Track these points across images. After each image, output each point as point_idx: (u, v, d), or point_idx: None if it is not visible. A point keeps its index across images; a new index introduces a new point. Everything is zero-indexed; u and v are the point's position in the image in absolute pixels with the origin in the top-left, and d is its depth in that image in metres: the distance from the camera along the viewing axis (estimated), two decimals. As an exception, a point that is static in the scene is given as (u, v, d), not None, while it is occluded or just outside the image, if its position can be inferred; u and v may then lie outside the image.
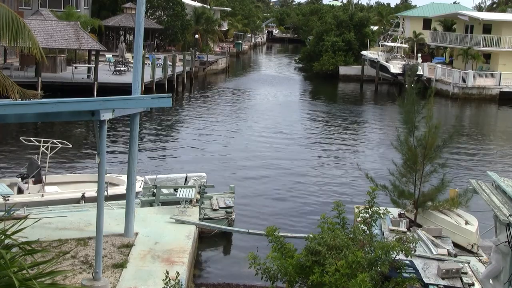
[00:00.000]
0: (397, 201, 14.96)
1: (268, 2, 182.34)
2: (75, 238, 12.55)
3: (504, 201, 9.78)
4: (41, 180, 16.61)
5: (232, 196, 16.91)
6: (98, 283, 10.13)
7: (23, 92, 12.99)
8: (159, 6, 65.60)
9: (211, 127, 32.82)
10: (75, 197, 16.07)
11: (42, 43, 35.54)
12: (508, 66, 51.56)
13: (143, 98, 12.49)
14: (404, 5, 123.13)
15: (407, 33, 68.94)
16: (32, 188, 16.37)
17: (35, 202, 15.38)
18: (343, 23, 66.17)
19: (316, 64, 63.71)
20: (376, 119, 40.13)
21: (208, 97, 45.70)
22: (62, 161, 22.26)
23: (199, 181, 16.96)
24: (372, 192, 10.01)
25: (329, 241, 8.98)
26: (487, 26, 55.03)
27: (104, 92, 33.40)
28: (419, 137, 14.54)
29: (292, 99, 47.39)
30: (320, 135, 32.49)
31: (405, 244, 9.41)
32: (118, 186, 16.74)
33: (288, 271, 9.00)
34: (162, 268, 11.01)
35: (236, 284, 13.21)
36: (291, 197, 20.44)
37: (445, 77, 51.50)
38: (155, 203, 15.96)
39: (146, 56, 46.09)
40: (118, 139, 27.57)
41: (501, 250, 9.64)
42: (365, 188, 11.95)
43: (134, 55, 13.73)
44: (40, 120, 24.04)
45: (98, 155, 10.25)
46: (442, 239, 13.54)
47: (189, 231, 13.61)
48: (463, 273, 11.72)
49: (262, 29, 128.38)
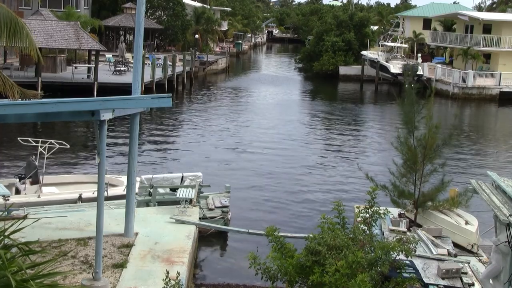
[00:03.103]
0: (397, 201, 14.96)
1: (268, 2, 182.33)
2: (75, 238, 12.54)
3: (504, 201, 9.78)
4: (38, 181, 16.57)
5: (227, 195, 16.93)
6: (98, 283, 10.12)
7: (23, 92, 12.97)
8: (159, 6, 65.59)
9: (211, 127, 32.81)
10: (72, 198, 16.03)
11: (42, 43, 35.63)
12: (508, 66, 51.56)
13: (143, 98, 12.49)
14: (404, 5, 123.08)
15: (407, 33, 68.93)
16: (29, 189, 16.32)
17: (31, 203, 15.29)
18: (343, 23, 66.18)
19: (316, 64, 63.71)
20: (376, 119, 40.13)
21: (208, 97, 45.69)
22: (61, 161, 22.25)
23: (195, 181, 16.95)
24: (372, 192, 10.00)
25: (329, 241, 8.98)
26: (487, 26, 55.02)
27: (104, 92, 33.40)
28: (419, 137, 14.54)
29: (292, 99, 47.39)
30: (320, 135, 32.49)
31: (406, 245, 9.41)
32: (116, 187, 16.72)
33: (288, 271, 9.00)
34: (162, 268, 11.01)
35: (236, 284, 13.22)
36: (291, 197, 20.42)
37: (445, 77, 51.49)
38: (151, 203, 15.95)
39: (146, 56, 46.09)
40: (118, 139, 27.56)
41: (501, 250, 9.64)
42: (365, 188, 11.95)
43: (134, 55, 13.72)
44: (40, 120, 24.03)
45: (98, 155, 10.25)
46: (442, 239, 13.54)
47: (189, 231, 13.61)
48: (463, 273, 11.72)
49: (262, 29, 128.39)
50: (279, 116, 37.68)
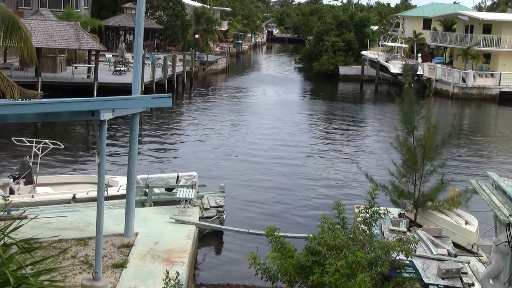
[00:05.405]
0: (397, 201, 14.96)
1: (268, 2, 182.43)
2: (75, 238, 12.54)
3: (504, 201, 9.79)
4: (32, 181, 16.54)
5: (222, 195, 16.95)
6: (98, 283, 10.11)
7: (23, 92, 12.95)
8: (159, 6, 65.58)
9: (211, 127, 32.81)
10: (66, 198, 15.98)
11: (42, 43, 35.66)
12: (508, 66, 51.56)
13: (143, 98, 12.49)
14: (404, 5, 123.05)
15: (407, 33, 68.94)
16: (23, 189, 16.27)
17: (25, 203, 15.15)
18: (343, 23, 66.18)
19: (316, 64, 63.72)
20: (376, 119, 40.14)
21: (208, 97, 45.69)
22: (55, 162, 22.22)
23: (191, 181, 16.95)
24: (372, 192, 9.99)
25: (329, 241, 8.98)
26: (487, 26, 55.03)
27: (104, 92, 33.42)
28: (418, 137, 14.54)
29: (291, 99, 47.39)
30: (319, 135, 32.49)
31: (406, 245, 9.41)
32: (111, 187, 16.63)
33: (288, 271, 9.00)
34: (162, 268, 11.00)
35: (236, 284, 13.22)
36: (291, 197, 20.43)
37: (445, 77, 51.48)
38: (147, 203, 15.95)
39: (146, 56, 46.08)
40: (117, 139, 27.55)
41: (501, 250, 9.64)
42: (365, 188, 11.95)
43: (134, 55, 13.72)
44: (40, 120, 24.02)
45: (98, 155, 10.25)
46: (442, 239, 13.54)
47: (189, 231, 13.61)
48: (463, 273, 11.71)
49: (262, 29, 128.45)
50: (279, 116, 37.67)
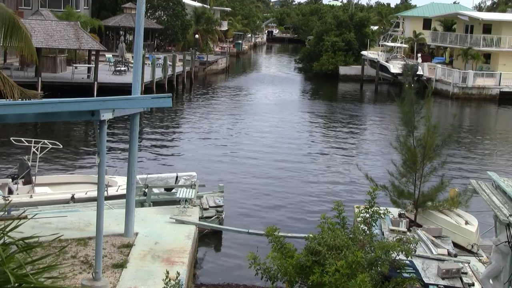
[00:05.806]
0: (397, 201, 14.96)
1: (268, 2, 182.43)
2: (75, 238, 12.54)
3: (504, 201, 9.79)
4: (30, 181, 16.52)
5: (221, 195, 16.95)
6: (98, 283, 10.11)
7: (23, 92, 12.94)
8: (159, 6, 65.57)
9: (211, 127, 32.81)
10: (64, 198, 15.96)
11: (42, 43, 35.66)
12: (508, 66, 51.56)
13: (143, 98, 12.49)
14: (404, 5, 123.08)
15: (407, 33, 68.94)
16: (21, 189, 16.26)
17: (24, 203, 15.12)
18: (343, 23, 66.19)
19: (316, 64, 63.71)
20: (376, 119, 40.12)
21: (208, 97, 45.69)
22: (54, 162, 22.21)
23: (190, 181, 16.95)
24: (372, 192, 10.00)
25: (329, 241, 8.98)
26: (487, 26, 55.03)
27: (104, 92, 33.41)
28: (418, 137, 14.54)
29: (291, 99, 47.38)
30: (319, 135, 32.49)
31: (406, 245, 9.41)
32: (110, 187, 16.61)
33: (288, 271, 9.00)
34: (162, 268, 11.00)
35: (236, 284, 13.22)
36: (291, 197, 20.41)
37: (445, 77, 51.48)
38: (146, 203, 15.94)
39: (146, 56, 46.08)
40: (117, 139, 27.55)
41: (501, 250, 9.64)
42: (365, 188, 11.96)
43: (134, 55, 13.72)
44: (40, 120, 24.00)
45: (98, 155, 10.25)
46: (442, 239, 13.54)
47: (189, 231, 13.60)
48: (463, 273, 11.72)
49: (262, 29, 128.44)
50: (279, 116, 37.67)
